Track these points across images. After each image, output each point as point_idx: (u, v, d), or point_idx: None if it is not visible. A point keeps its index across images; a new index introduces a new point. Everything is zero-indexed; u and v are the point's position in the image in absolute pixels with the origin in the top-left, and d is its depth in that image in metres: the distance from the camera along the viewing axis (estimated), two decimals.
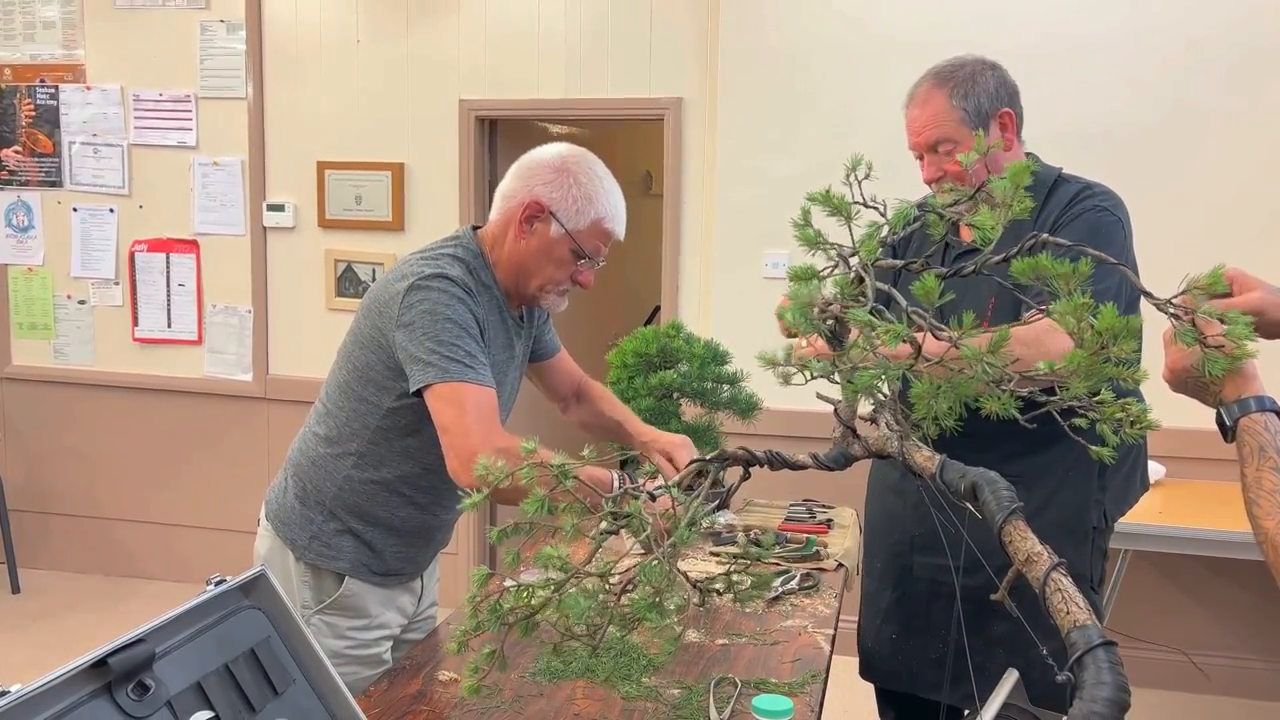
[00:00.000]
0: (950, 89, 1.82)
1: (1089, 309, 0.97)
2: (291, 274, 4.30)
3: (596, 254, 1.77)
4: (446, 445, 1.64)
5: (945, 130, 1.82)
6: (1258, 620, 3.41)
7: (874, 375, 1.06)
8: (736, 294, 3.76)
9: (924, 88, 1.86)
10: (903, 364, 1.07)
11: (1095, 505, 1.82)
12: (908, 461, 1.29)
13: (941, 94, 1.83)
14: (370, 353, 1.72)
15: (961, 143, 1.80)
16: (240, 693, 1.04)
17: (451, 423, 1.62)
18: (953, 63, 1.87)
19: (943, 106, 1.82)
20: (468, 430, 1.59)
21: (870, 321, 1.08)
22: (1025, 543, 1.15)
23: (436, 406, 1.64)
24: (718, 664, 1.72)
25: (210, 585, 1.08)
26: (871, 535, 2.04)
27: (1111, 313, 0.96)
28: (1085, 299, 0.98)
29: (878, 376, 1.06)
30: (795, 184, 3.60)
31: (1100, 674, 1.00)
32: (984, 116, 1.81)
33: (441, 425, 1.64)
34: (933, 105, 1.83)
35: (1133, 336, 0.96)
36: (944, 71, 1.86)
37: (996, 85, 1.83)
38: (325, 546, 1.77)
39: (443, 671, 1.69)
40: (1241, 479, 1.07)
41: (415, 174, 4.11)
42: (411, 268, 1.70)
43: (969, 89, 1.81)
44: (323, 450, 1.79)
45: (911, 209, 1.20)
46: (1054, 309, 1.02)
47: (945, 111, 1.82)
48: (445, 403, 1.63)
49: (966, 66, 1.84)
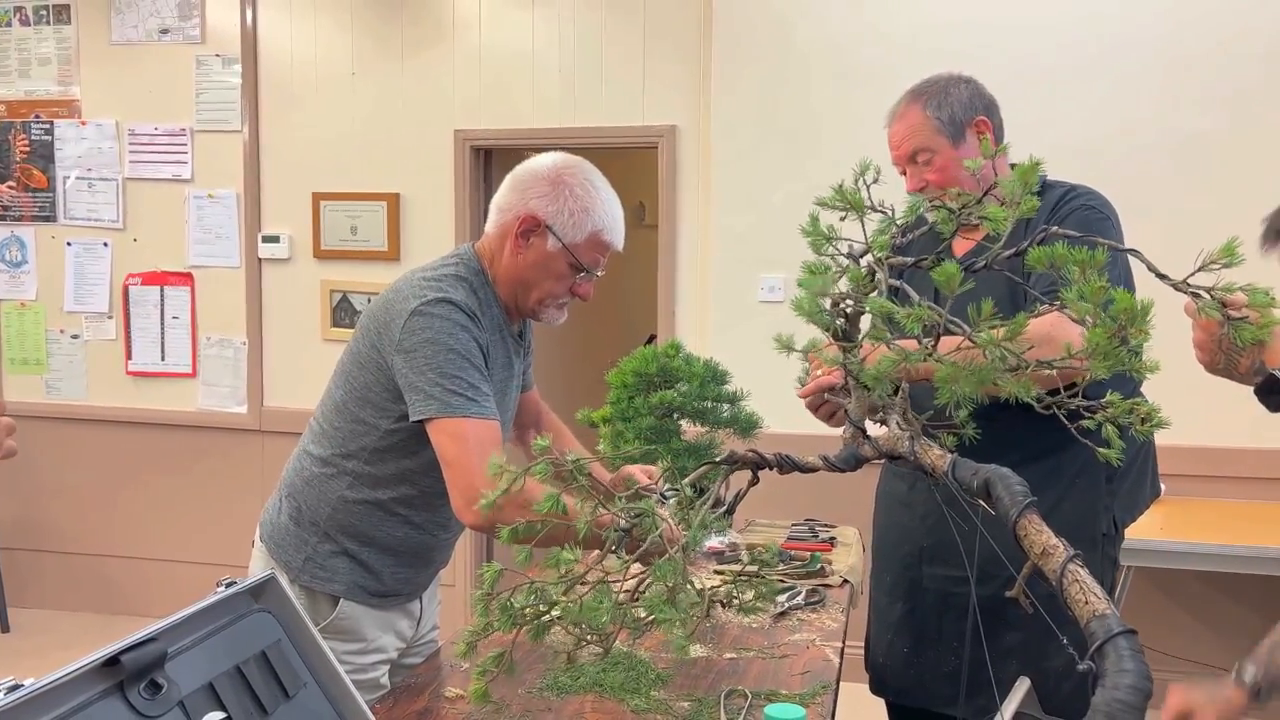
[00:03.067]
0: (925, 101, 1.89)
1: (1106, 293, 0.98)
2: (287, 305, 4.29)
3: (595, 266, 1.76)
4: (450, 481, 1.63)
5: (921, 140, 1.88)
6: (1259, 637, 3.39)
7: (893, 362, 1.06)
8: (733, 319, 3.77)
9: (901, 104, 1.94)
10: (921, 351, 1.07)
11: (1105, 511, 1.82)
12: (919, 460, 1.29)
13: (917, 107, 1.90)
14: (369, 373, 1.71)
15: (939, 152, 1.86)
16: (252, 694, 1.02)
17: (455, 459, 1.61)
18: (928, 79, 1.96)
19: (918, 118, 1.89)
20: (470, 468, 1.57)
21: (888, 308, 1.08)
22: (1041, 536, 1.14)
23: (439, 440, 1.63)
24: (726, 678, 1.70)
25: (220, 587, 1.07)
26: (880, 549, 2.03)
27: (1127, 296, 0.97)
28: (1103, 283, 0.98)
29: (896, 364, 1.06)
30: (790, 209, 3.67)
31: (1122, 662, 0.99)
32: (958, 125, 1.86)
33: (445, 460, 1.63)
34: (909, 118, 1.90)
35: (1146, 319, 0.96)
36: (919, 87, 1.94)
37: (970, 95, 1.89)
38: (320, 568, 1.74)
39: (448, 689, 1.66)
40: None
41: (411, 204, 4.13)
42: (414, 289, 1.68)
43: (942, 100, 1.88)
44: (317, 470, 1.76)
45: (923, 201, 1.21)
46: (1067, 296, 1.03)
47: (921, 123, 1.88)
48: (448, 438, 1.62)
49: (940, 80, 1.93)
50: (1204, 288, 1.00)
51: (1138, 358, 1.07)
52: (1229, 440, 3.29)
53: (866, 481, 2.61)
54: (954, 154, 1.85)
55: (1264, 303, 0.98)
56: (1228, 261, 1.01)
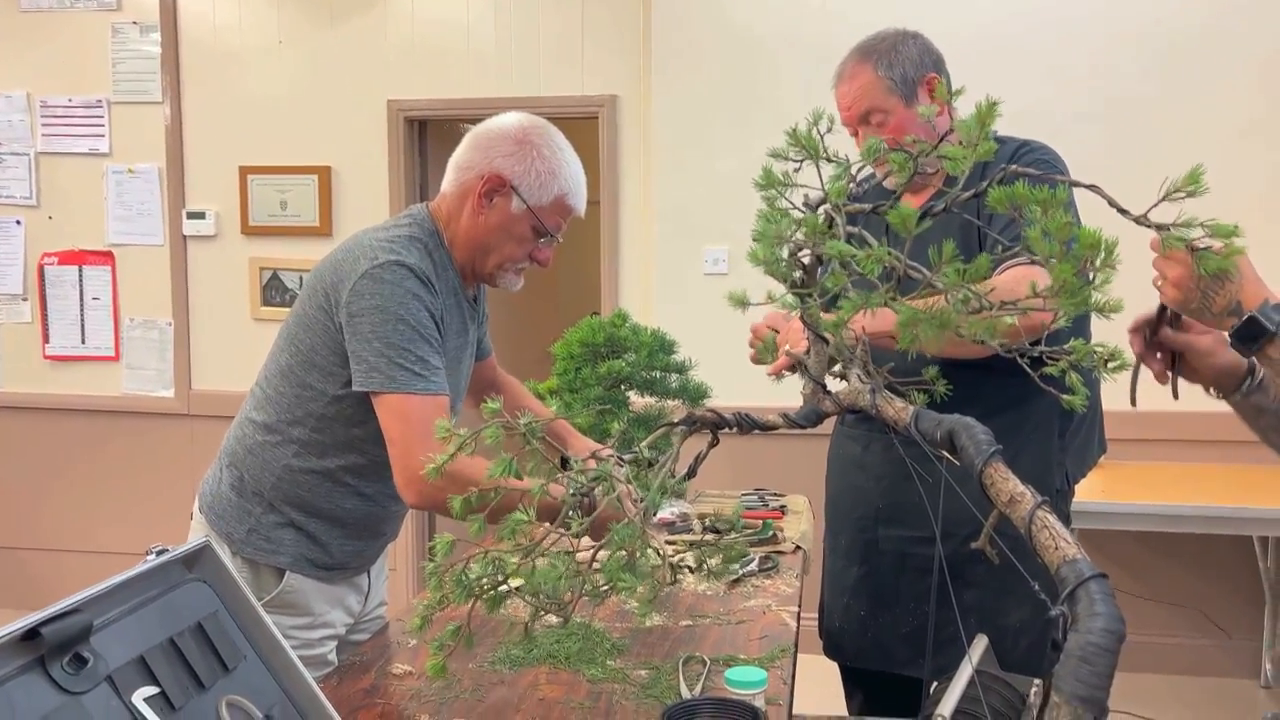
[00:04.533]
0: (875, 61, 1.86)
1: (1070, 230, 0.95)
2: (214, 284, 4.14)
3: (557, 230, 1.71)
4: (392, 459, 1.57)
5: (873, 101, 1.85)
6: (1198, 599, 3.48)
7: (855, 305, 1.03)
8: (677, 293, 3.73)
9: (849, 63, 1.89)
10: (882, 295, 1.04)
11: (1058, 467, 1.82)
12: (881, 414, 1.26)
13: (866, 66, 1.86)
14: (315, 336, 1.63)
15: (891, 112, 1.83)
16: (188, 668, 0.95)
17: (398, 437, 1.55)
18: (874, 36, 1.91)
19: (869, 78, 1.85)
20: (411, 448, 1.51)
21: (848, 252, 1.05)
22: (1007, 484, 1.12)
23: (383, 416, 1.57)
24: (684, 644, 1.67)
25: (151, 555, 0.99)
26: (834, 513, 2.01)
27: (1090, 232, 0.94)
28: (1066, 218, 0.96)
29: (858, 308, 1.03)
30: (734, 179, 3.62)
31: (1094, 605, 0.97)
32: (910, 84, 1.84)
33: (388, 437, 1.57)
34: (859, 78, 1.86)
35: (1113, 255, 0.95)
36: (866, 45, 1.90)
37: (920, 53, 1.86)
38: (264, 540, 1.66)
39: (396, 665, 1.60)
40: None
41: (343, 177, 4.00)
42: (365, 249, 1.60)
43: (893, 58, 1.84)
44: (261, 438, 1.68)
45: (881, 143, 1.18)
46: (1031, 235, 1.00)
47: (872, 83, 1.85)
48: (391, 414, 1.56)
49: (888, 38, 1.89)
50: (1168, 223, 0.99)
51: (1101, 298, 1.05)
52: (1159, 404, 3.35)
53: (814, 450, 2.60)
54: (907, 114, 1.82)
55: (1229, 232, 0.97)
56: (1192, 190, 0.99)
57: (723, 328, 3.42)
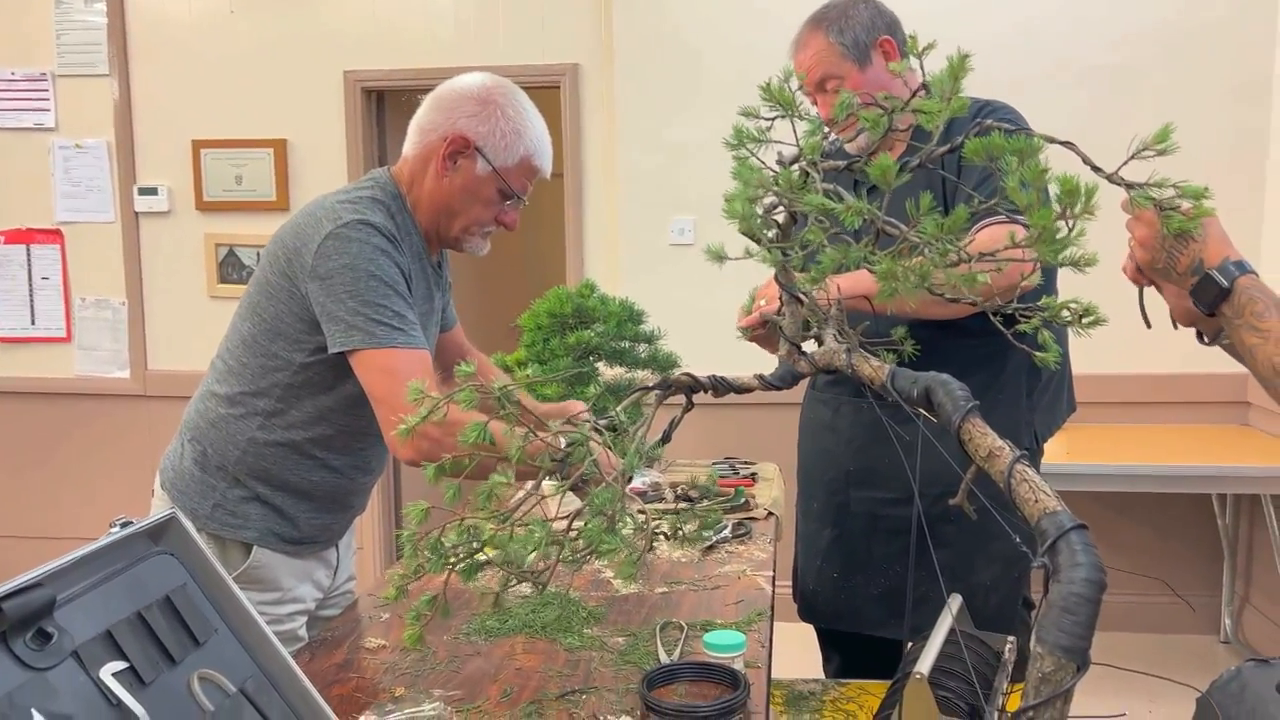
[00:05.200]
0: (826, 27, 1.88)
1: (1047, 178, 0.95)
2: (169, 261, 4.04)
3: (524, 192, 1.67)
4: (382, 419, 1.53)
5: (827, 67, 1.86)
6: (1158, 557, 3.54)
7: (834, 259, 1.01)
8: (644, 264, 3.71)
9: (803, 32, 1.92)
10: (861, 249, 1.02)
11: (1026, 427, 1.84)
12: (857, 373, 1.26)
13: (819, 33, 1.88)
14: (279, 304, 1.59)
15: (847, 77, 1.85)
16: (157, 643, 0.92)
17: (386, 394, 1.51)
18: (826, 4, 1.93)
19: (822, 45, 1.87)
20: (400, 404, 1.45)
21: (827, 205, 1.03)
22: (986, 439, 1.12)
23: (366, 375, 1.53)
24: (660, 611, 1.66)
25: (115, 528, 0.96)
26: (806, 477, 2.01)
27: (1070, 178, 0.94)
28: (1044, 168, 0.95)
29: (837, 262, 1.02)
30: (700, 149, 3.61)
31: (1075, 556, 0.97)
32: (863, 48, 1.85)
33: (374, 396, 1.53)
34: (813, 45, 1.88)
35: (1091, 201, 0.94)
36: (818, 13, 1.92)
37: (871, 16, 1.87)
38: (230, 515, 1.63)
39: (368, 639, 1.58)
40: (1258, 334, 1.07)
41: (299, 151, 3.92)
42: (327, 211, 1.56)
43: (843, 24, 1.86)
44: (224, 411, 1.64)
45: (854, 97, 1.16)
46: (1008, 184, 0.99)
47: (825, 49, 1.87)
48: (377, 372, 1.52)
49: (839, 5, 1.91)
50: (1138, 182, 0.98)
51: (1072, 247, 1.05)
52: (1119, 367, 3.41)
53: (783, 419, 2.60)
54: (862, 78, 1.83)
55: (1198, 193, 0.97)
56: (1162, 149, 0.98)
57: (690, 298, 3.43)
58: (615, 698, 1.35)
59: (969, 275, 1.00)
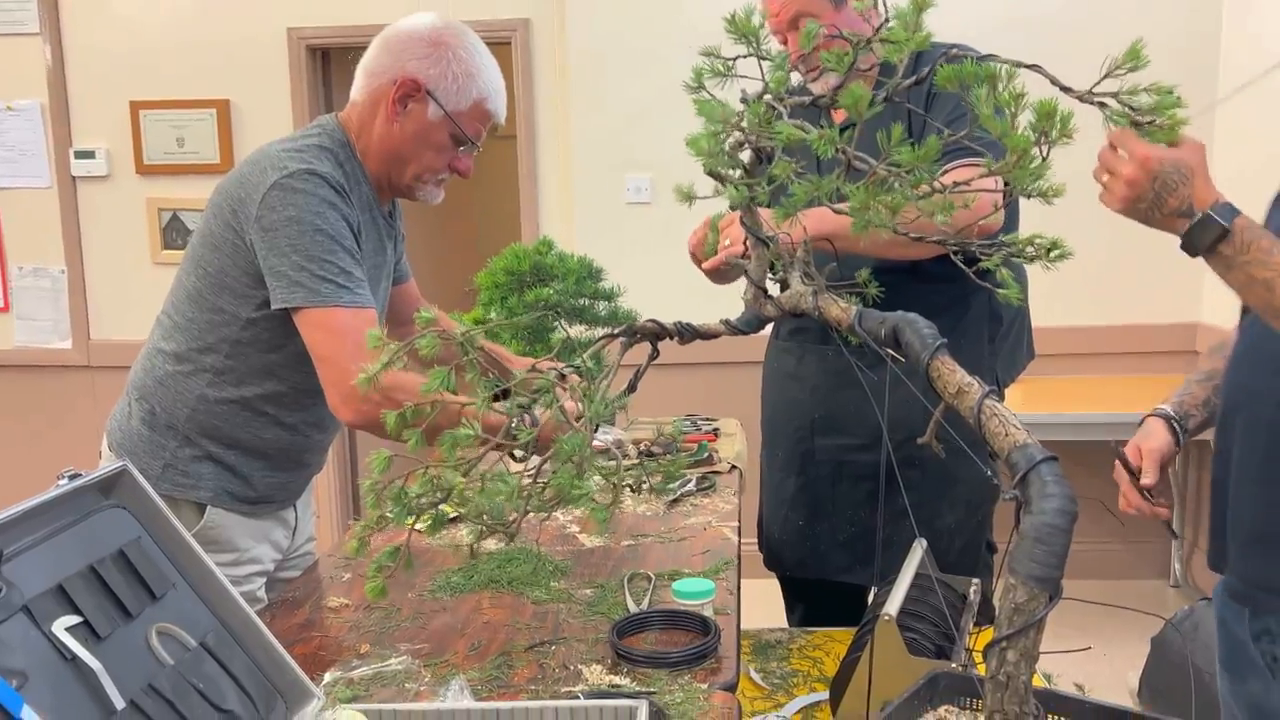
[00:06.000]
0: None
1: (1020, 101, 0.93)
2: (110, 227, 3.92)
3: (477, 137, 1.62)
4: (324, 378, 1.49)
5: (801, 5, 1.82)
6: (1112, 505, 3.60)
7: (805, 192, 1.00)
8: (599, 224, 3.67)
9: None
10: (833, 179, 1.01)
11: (989, 372, 1.84)
12: (823, 315, 1.24)
13: None
14: (224, 256, 1.53)
15: (821, 15, 1.80)
16: (111, 596, 0.89)
17: (328, 354, 1.47)
18: None
19: None
20: (343, 365, 1.44)
21: (798, 136, 1.01)
22: (955, 376, 1.12)
23: (309, 334, 1.49)
24: (627, 563, 1.65)
25: (63, 480, 0.92)
26: (770, 426, 2.01)
27: (1047, 101, 0.92)
28: (1018, 93, 0.94)
29: (809, 194, 1.00)
30: (655, 104, 3.57)
31: (1046, 487, 0.98)
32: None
33: (317, 355, 1.49)
34: None
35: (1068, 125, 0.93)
36: None
37: None
38: (182, 475, 1.58)
39: (330, 599, 1.55)
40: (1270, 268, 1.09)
41: (243, 111, 3.81)
42: (272, 160, 1.51)
43: None
44: (171, 368, 1.59)
45: (819, 28, 1.14)
46: (981, 113, 0.98)
47: None
48: (319, 331, 1.48)
49: None
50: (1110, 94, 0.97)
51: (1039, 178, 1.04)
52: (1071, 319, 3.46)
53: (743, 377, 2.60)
54: (836, 17, 1.80)
55: (1171, 104, 0.96)
56: (1133, 65, 0.98)
57: (648, 256, 3.40)
58: (585, 647, 1.34)
59: (945, 202, 0.99)
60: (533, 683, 1.24)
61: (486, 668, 1.29)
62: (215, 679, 0.91)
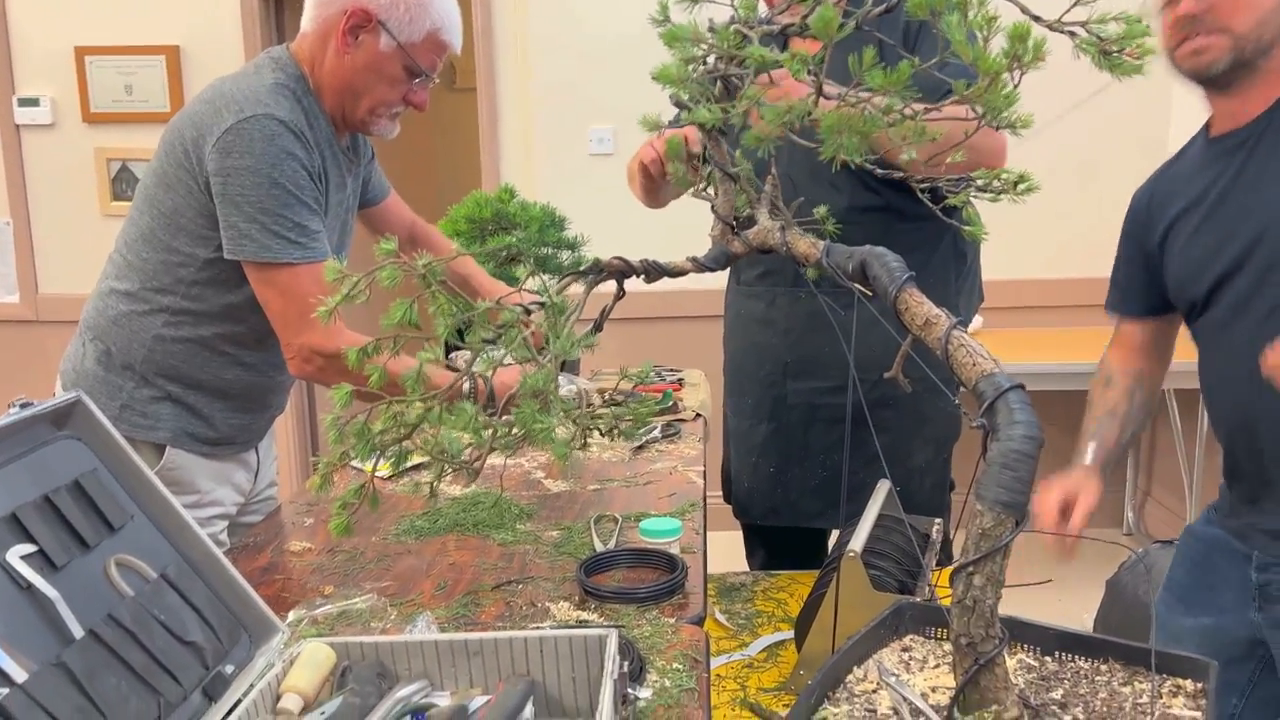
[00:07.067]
0: None
1: (992, 24, 0.92)
2: (56, 178, 3.80)
3: (433, 69, 1.58)
4: (275, 330, 1.48)
5: None
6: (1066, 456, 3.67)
7: (779, 114, 0.98)
8: (562, 177, 3.62)
9: None
10: (805, 100, 0.99)
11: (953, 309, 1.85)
12: (791, 250, 1.24)
13: None
14: (178, 196, 1.49)
15: None
16: (68, 527, 0.86)
17: (278, 312, 1.47)
18: None
19: None
20: (292, 323, 1.44)
21: (769, 57, 0.99)
22: (922, 308, 1.12)
23: (259, 288, 1.47)
24: (593, 506, 1.65)
25: (14, 408, 0.89)
26: (738, 374, 1.98)
27: (1021, 25, 0.92)
28: (992, 15, 0.93)
29: (782, 115, 0.98)
30: (617, 53, 3.51)
31: (1013, 414, 0.98)
32: None
33: (267, 311, 1.48)
34: None
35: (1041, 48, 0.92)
36: None
37: None
38: (140, 416, 1.54)
39: (293, 543, 1.53)
40: None
41: (194, 58, 3.69)
42: (228, 101, 1.46)
43: None
44: (125, 308, 1.54)
45: None
46: (954, 37, 0.96)
47: None
48: (268, 287, 1.46)
49: None
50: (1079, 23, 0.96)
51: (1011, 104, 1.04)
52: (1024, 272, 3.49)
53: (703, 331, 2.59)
54: None
55: (1140, 33, 0.96)
56: None
57: (612, 209, 3.36)
58: (552, 586, 1.34)
59: (917, 126, 0.98)
60: (500, 620, 1.24)
61: (453, 606, 1.28)
62: (177, 610, 0.90)
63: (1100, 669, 1.04)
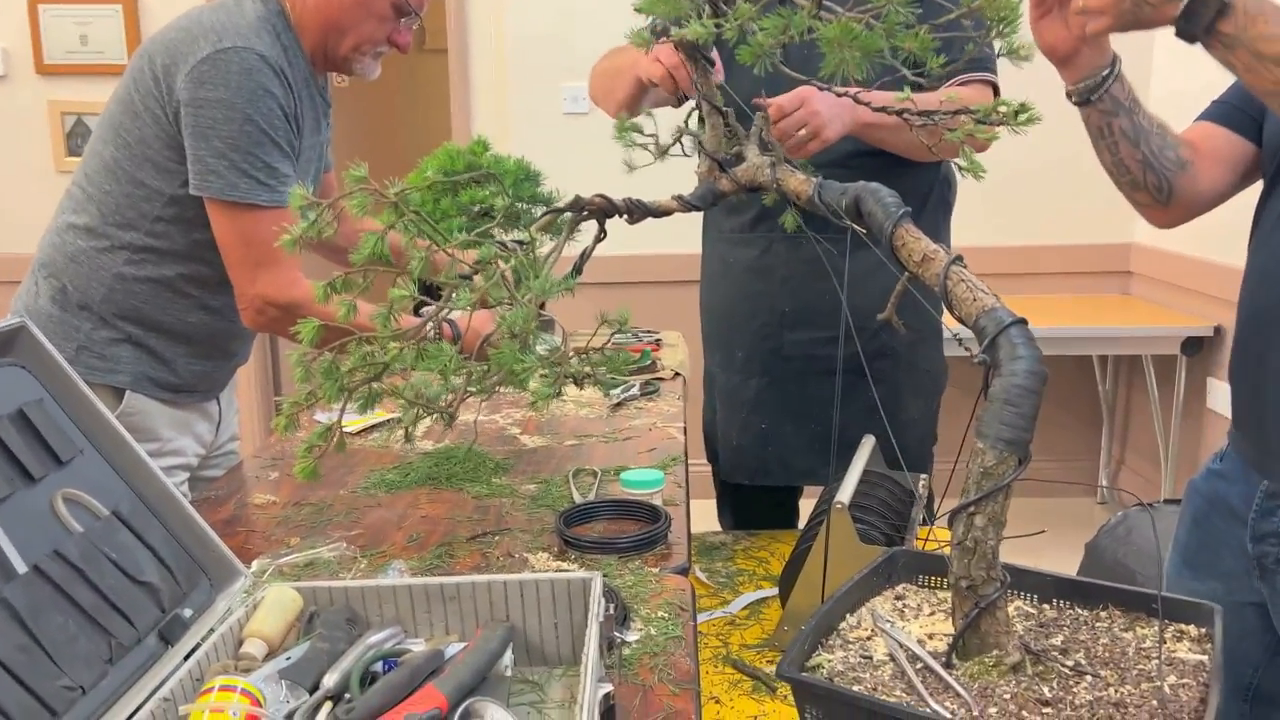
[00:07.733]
0: None
1: None
2: (8, 131, 3.66)
3: (420, 9, 1.52)
4: (233, 278, 1.42)
5: None
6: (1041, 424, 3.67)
7: (779, 25, 0.93)
8: (536, 136, 3.55)
9: None
10: (805, 15, 0.94)
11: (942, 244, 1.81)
12: (781, 188, 1.19)
13: None
14: (145, 126, 1.41)
15: None
16: (10, 457, 0.80)
17: (237, 257, 1.41)
18: None
19: None
20: (251, 270, 1.39)
21: None
22: (919, 244, 1.07)
23: (219, 227, 1.41)
24: (571, 460, 1.60)
25: None
26: (728, 326, 1.87)
27: None
28: None
29: (781, 28, 0.93)
30: (590, 9, 3.43)
31: (1016, 350, 0.94)
32: None
33: (225, 255, 1.42)
34: None
35: None
36: None
37: None
38: (98, 358, 1.46)
39: (257, 496, 1.47)
40: (1272, 43, 1.03)
41: (152, 7, 3.56)
42: (206, 30, 1.39)
43: None
44: (84, 244, 1.46)
45: None
46: None
47: None
48: (230, 229, 1.40)
49: None
50: None
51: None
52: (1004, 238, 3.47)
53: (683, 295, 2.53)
54: None
55: None
56: None
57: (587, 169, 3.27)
58: (530, 537, 1.29)
59: (922, 39, 0.93)
60: (477, 571, 1.19)
61: (427, 557, 1.22)
62: (130, 550, 0.83)
63: (1100, 615, 1.00)
